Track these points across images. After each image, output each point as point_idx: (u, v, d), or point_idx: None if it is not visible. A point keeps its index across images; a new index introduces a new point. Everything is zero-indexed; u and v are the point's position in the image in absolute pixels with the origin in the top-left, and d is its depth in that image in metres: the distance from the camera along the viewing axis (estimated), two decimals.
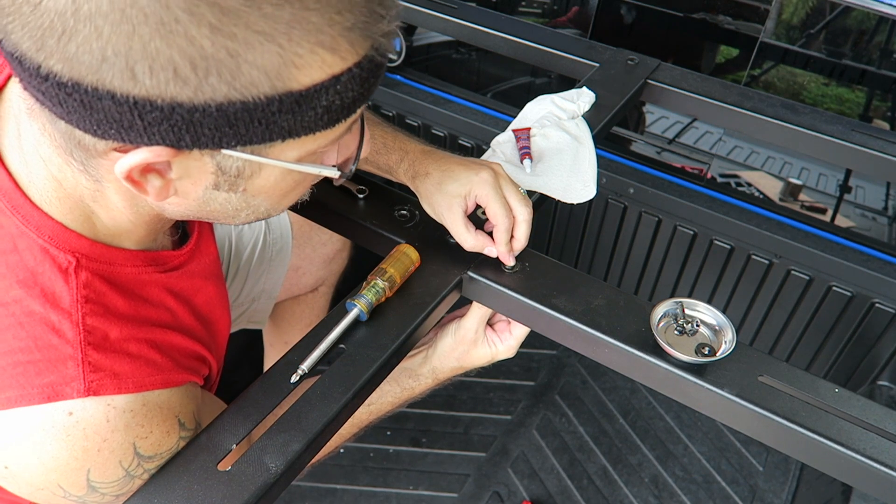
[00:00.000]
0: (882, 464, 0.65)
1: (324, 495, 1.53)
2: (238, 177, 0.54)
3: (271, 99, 0.47)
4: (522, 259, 0.83)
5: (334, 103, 0.50)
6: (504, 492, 1.55)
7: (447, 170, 0.81)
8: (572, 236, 1.66)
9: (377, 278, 0.76)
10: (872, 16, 1.29)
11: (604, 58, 1.24)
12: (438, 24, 1.38)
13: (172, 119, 0.46)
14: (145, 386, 0.61)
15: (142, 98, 0.45)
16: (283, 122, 0.48)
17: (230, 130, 0.47)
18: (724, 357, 0.70)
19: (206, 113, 0.46)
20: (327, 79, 0.48)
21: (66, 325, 0.57)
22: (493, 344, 0.89)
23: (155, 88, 0.44)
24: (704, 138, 1.58)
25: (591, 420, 1.69)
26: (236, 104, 0.46)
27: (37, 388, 0.56)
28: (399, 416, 1.67)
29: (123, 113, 0.45)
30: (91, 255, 0.60)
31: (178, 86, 0.44)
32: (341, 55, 0.48)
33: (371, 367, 0.71)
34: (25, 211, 0.57)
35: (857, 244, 1.33)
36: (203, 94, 0.45)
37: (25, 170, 0.58)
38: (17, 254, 0.57)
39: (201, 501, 0.60)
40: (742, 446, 1.64)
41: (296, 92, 0.47)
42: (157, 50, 0.43)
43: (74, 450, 0.57)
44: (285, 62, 0.46)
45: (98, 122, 0.47)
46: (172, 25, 0.42)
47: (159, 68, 0.44)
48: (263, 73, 0.46)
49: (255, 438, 0.64)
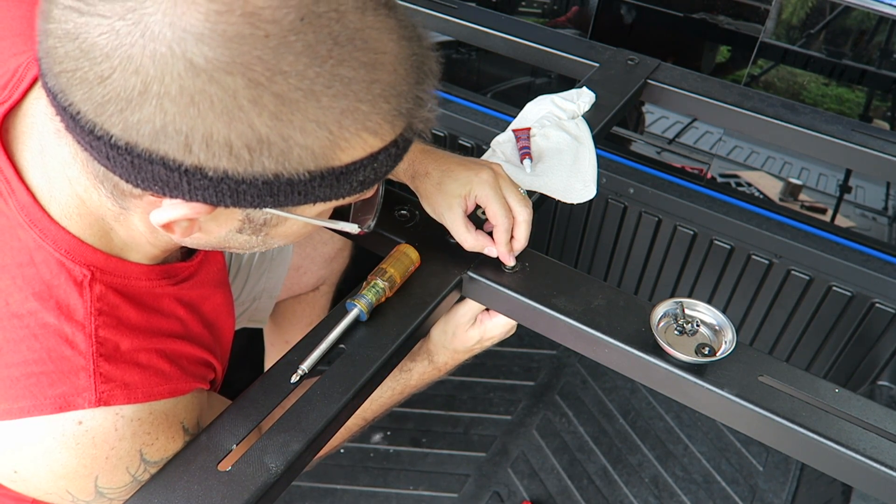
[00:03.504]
0: (882, 464, 0.65)
1: (324, 495, 1.53)
2: (264, 225, 0.57)
3: (314, 175, 0.50)
4: (522, 259, 0.83)
5: (369, 177, 0.53)
6: (504, 492, 1.55)
7: (447, 170, 0.81)
8: (572, 236, 1.66)
9: (377, 278, 0.76)
10: (872, 16, 1.29)
11: (604, 58, 1.24)
12: (438, 24, 1.38)
13: (219, 187, 0.48)
14: (153, 396, 0.62)
15: (193, 167, 0.47)
16: (321, 192, 0.51)
17: (270, 198, 0.50)
18: (724, 357, 0.70)
19: (252, 184, 0.48)
20: (366, 157, 0.51)
21: (79, 336, 0.59)
22: (480, 322, 0.89)
23: (208, 161, 0.47)
24: (704, 138, 1.58)
25: (591, 420, 1.69)
26: (282, 179, 0.49)
27: (49, 398, 0.57)
28: (399, 416, 1.67)
29: (171, 176, 0.48)
30: (106, 269, 0.61)
31: (231, 161, 0.47)
32: (382, 137, 0.51)
33: (371, 367, 0.71)
34: (43, 225, 0.59)
35: (857, 244, 1.33)
36: (253, 170, 0.48)
37: (48, 186, 0.59)
38: (33, 266, 0.59)
39: (201, 501, 0.60)
40: (742, 446, 1.64)
41: (337, 168, 0.50)
42: (217, 131, 0.45)
43: (83, 458, 0.59)
44: (332, 145, 0.49)
45: (143, 179, 0.49)
46: (236, 112, 0.45)
47: (216, 146, 0.46)
48: (311, 154, 0.48)
49: (254, 439, 0.64)
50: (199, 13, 0.43)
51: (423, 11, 1.37)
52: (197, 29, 0.43)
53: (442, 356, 0.91)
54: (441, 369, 0.92)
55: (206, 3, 0.43)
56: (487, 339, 0.89)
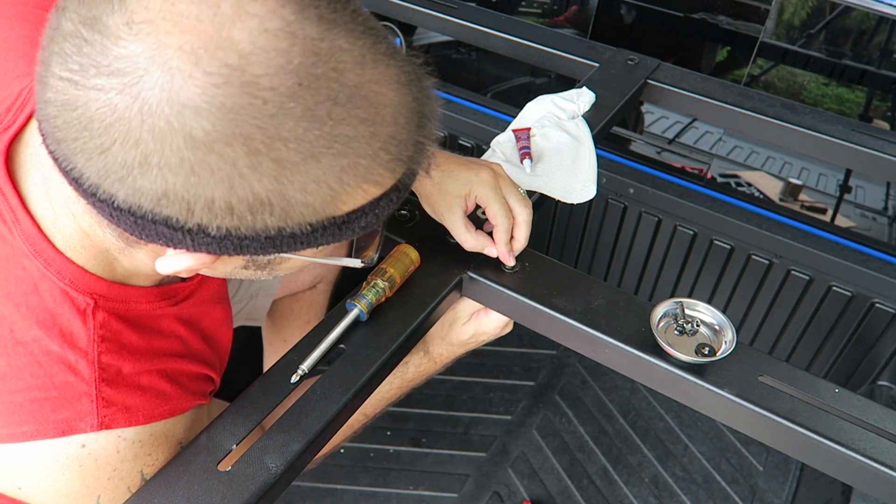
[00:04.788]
0: (882, 464, 0.65)
1: (324, 495, 1.53)
2: (268, 264, 0.58)
3: (315, 227, 0.50)
4: (522, 259, 0.83)
5: (371, 222, 0.53)
6: (504, 492, 1.55)
7: (447, 170, 0.81)
8: (572, 236, 1.66)
9: (377, 278, 0.76)
10: (872, 16, 1.29)
11: (604, 58, 1.24)
12: (438, 24, 1.38)
13: (223, 242, 0.49)
14: (154, 417, 0.64)
15: (196, 226, 0.47)
16: (323, 239, 0.52)
17: (273, 249, 0.50)
18: (724, 357, 0.70)
19: (255, 239, 0.49)
20: (367, 204, 0.51)
21: (81, 363, 0.60)
22: (475, 318, 0.89)
23: (210, 221, 0.47)
24: (704, 138, 1.58)
25: (591, 420, 1.69)
26: (285, 233, 0.49)
27: (52, 423, 0.59)
28: (399, 416, 1.67)
29: (175, 234, 0.48)
30: (108, 296, 0.62)
31: (234, 221, 0.47)
32: (382, 185, 0.51)
33: (371, 367, 0.71)
34: (48, 255, 0.59)
35: (857, 244, 1.33)
36: (255, 228, 0.48)
37: (52, 218, 0.60)
38: (37, 295, 0.59)
39: (201, 501, 0.60)
40: (742, 446, 1.64)
41: (339, 218, 0.50)
42: (218, 196, 0.46)
43: (86, 479, 0.61)
44: (333, 199, 0.49)
45: (147, 234, 0.49)
46: (236, 179, 0.45)
47: (217, 209, 0.46)
48: (312, 209, 0.48)
49: (256, 437, 0.65)
50: (197, 87, 0.42)
51: (423, 11, 1.37)
52: (194, 102, 0.43)
53: (437, 347, 0.91)
54: (436, 361, 0.92)
55: (203, 77, 0.42)
56: (482, 333, 0.89)
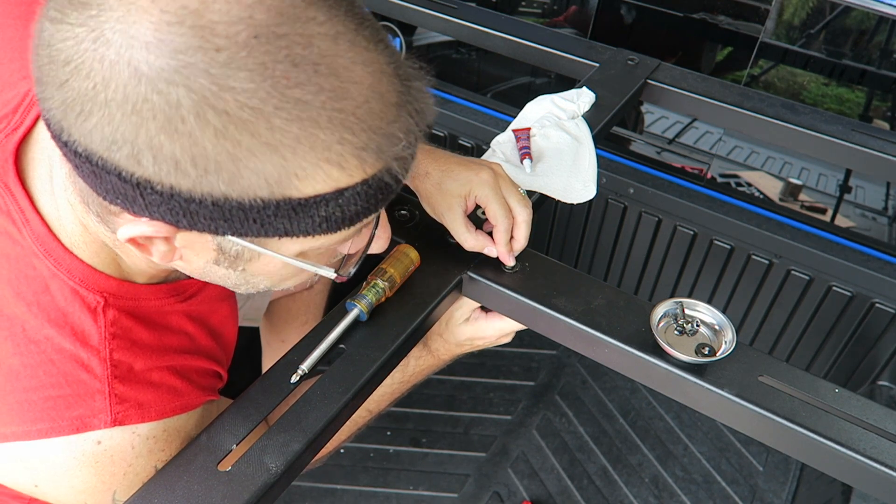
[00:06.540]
0: (882, 464, 0.65)
1: (324, 495, 1.53)
2: (237, 258, 0.56)
3: (268, 203, 0.48)
4: (522, 259, 0.83)
5: (335, 214, 0.51)
6: (504, 492, 1.55)
7: (447, 170, 0.81)
8: (572, 236, 1.66)
9: (377, 278, 0.76)
10: (872, 16, 1.29)
11: (604, 58, 1.24)
12: (438, 24, 1.38)
13: (171, 203, 0.48)
14: (166, 413, 0.65)
15: (144, 180, 0.47)
16: (279, 224, 0.50)
17: (225, 223, 0.49)
18: (724, 357, 0.70)
19: (202, 204, 0.47)
20: (330, 192, 0.49)
21: (94, 361, 0.61)
22: (474, 320, 0.88)
23: (156, 175, 0.46)
24: (704, 138, 1.58)
25: (591, 420, 1.69)
26: (232, 202, 0.47)
27: (67, 420, 0.60)
28: (399, 416, 1.67)
29: (127, 189, 0.48)
30: (118, 294, 0.63)
31: (179, 177, 0.46)
32: (349, 172, 0.49)
33: (371, 367, 0.71)
34: (57, 255, 0.60)
35: (857, 244, 1.33)
36: (201, 188, 0.47)
37: (56, 214, 0.61)
38: (48, 295, 0.60)
39: (201, 501, 0.60)
40: (742, 446, 1.64)
41: (294, 200, 0.48)
42: (161, 144, 0.45)
43: (102, 475, 0.62)
44: (287, 173, 0.47)
45: (107, 190, 0.49)
46: (178, 125, 0.44)
47: (162, 160, 0.45)
48: (263, 180, 0.47)
49: (260, 432, 0.65)
50: (151, 23, 0.43)
51: (423, 11, 1.37)
52: (145, 37, 0.43)
53: (435, 342, 0.91)
54: (435, 356, 0.92)
55: (159, 14, 0.43)
56: (478, 338, 0.88)
